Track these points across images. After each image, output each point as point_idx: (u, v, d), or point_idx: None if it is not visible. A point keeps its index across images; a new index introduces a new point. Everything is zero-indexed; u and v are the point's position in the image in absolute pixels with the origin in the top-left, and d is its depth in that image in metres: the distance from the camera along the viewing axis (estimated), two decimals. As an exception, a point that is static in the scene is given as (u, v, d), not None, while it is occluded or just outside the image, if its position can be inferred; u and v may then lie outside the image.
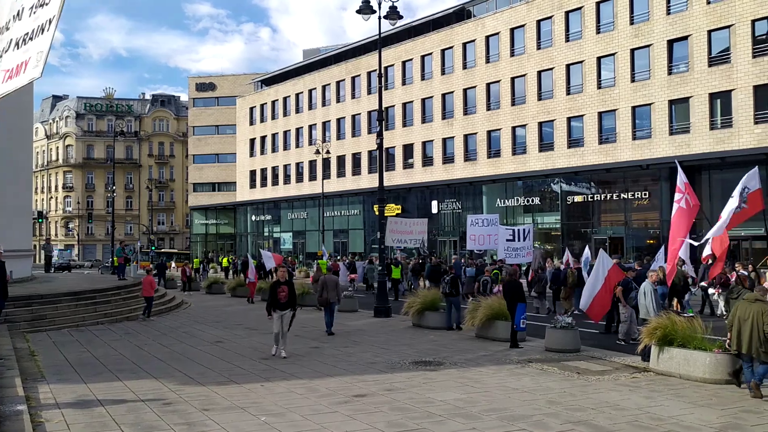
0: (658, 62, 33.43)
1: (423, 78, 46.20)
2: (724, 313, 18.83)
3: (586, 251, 22.48)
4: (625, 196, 34.82)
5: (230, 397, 9.50)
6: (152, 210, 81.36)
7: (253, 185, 62.80)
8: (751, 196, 13.37)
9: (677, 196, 13.28)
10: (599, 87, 35.98)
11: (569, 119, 37.42)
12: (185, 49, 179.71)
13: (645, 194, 34.18)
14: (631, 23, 34.56)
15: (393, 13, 20.87)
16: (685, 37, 32.45)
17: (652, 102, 33.67)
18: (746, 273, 18.03)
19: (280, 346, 12.90)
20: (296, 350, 13.70)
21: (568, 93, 37.39)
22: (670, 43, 33.10)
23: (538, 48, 38.94)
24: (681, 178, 13.47)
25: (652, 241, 33.67)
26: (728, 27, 30.91)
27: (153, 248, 69.46)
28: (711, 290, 19.71)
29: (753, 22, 30.11)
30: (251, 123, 63.24)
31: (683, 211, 13.13)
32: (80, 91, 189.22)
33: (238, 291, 28.86)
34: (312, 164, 54.54)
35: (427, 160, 45.88)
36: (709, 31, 31.59)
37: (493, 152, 41.49)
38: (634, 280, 14.72)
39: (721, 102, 31.41)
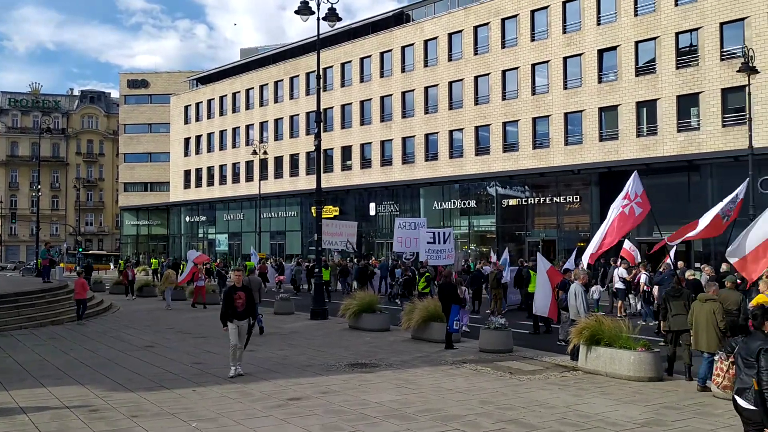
0: (588, 71, 34.56)
1: (362, 80, 46.29)
2: (638, 309, 19.96)
3: (505, 253, 23.15)
4: (558, 200, 35.83)
5: (160, 403, 9.26)
6: (80, 210, 78.59)
7: (187, 185, 61.45)
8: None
9: (623, 201, 13.51)
10: (533, 93, 36.90)
11: (505, 124, 38.23)
12: (117, 45, 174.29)
13: (576, 198, 35.25)
14: (564, 32, 35.61)
15: (332, 15, 20.80)
16: (614, 47, 33.68)
17: (583, 109, 34.78)
18: (648, 274, 19.11)
19: (236, 363, 11.14)
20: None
21: (504, 98, 38.21)
22: (600, 52, 34.28)
23: (476, 54, 39.63)
24: (635, 186, 13.79)
25: (582, 244, 34.64)
26: (654, 39, 32.26)
27: (80, 250, 66.93)
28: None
29: (677, 34, 31.51)
30: (186, 122, 61.90)
31: (624, 216, 13.46)
32: (5, 85, 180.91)
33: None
34: (249, 165, 53.80)
35: (366, 162, 45.99)
36: (637, 42, 32.89)
37: (431, 155, 41.95)
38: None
39: (647, 110, 32.73)
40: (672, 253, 18.38)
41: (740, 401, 5.44)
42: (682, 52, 31.57)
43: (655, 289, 17.32)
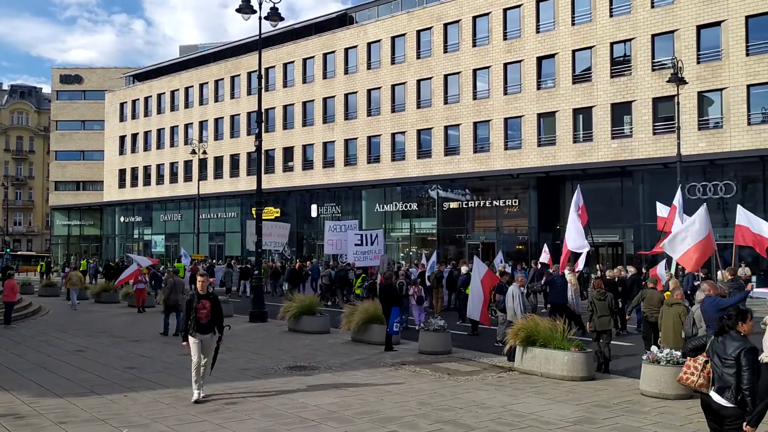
0: (528, 77, 35.33)
1: (305, 81, 46.03)
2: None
3: (433, 256, 23.47)
4: (497, 203, 36.51)
5: (90, 409, 8.95)
6: (8, 209, 75.22)
7: (122, 185, 59.73)
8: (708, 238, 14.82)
9: (579, 211, 14.85)
10: (474, 98, 37.48)
11: (446, 128, 38.67)
12: (50, 38, 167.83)
13: (515, 202, 35.98)
14: (505, 39, 36.31)
15: (274, 15, 20.61)
16: (552, 55, 34.56)
17: (522, 114, 35.51)
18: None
19: (200, 383, 9.51)
20: (165, 357, 13.16)
21: (446, 102, 38.65)
22: (539, 59, 35.10)
23: (418, 57, 39.97)
24: (580, 198, 15.41)
25: (521, 246, 35.52)
26: (590, 48, 33.25)
27: (8, 250, 64.10)
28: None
29: (611, 44, 32.59)
30: (122, 119, 60.18)
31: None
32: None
33: (103, 296, 27.33)
34: (187, 164, 52.71)
35: (308, 164, 45.72)
36: (574, 51, 33.83)
37: (373, 158, 42.05)
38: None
39: (583, 117, 33.71)
40: (583, 257, 19.45)
41: (720, 400, 5.63)
42: (616, 61, 32.66)
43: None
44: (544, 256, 23.79)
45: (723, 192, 29.07)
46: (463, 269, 20.16)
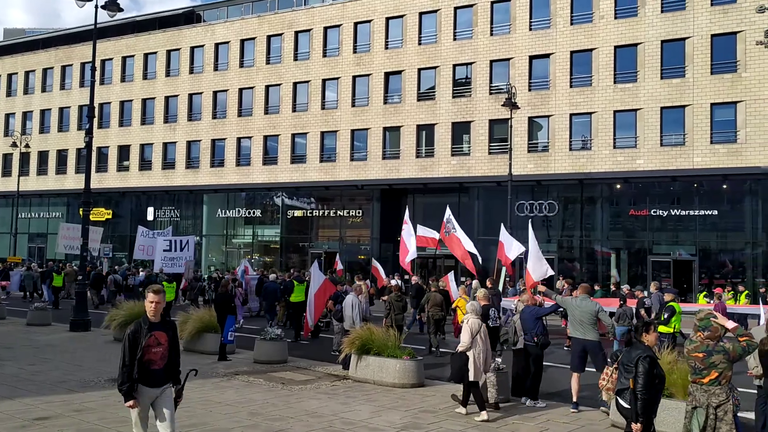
0: (376, 91, 36.16)
1: (145, 77, 43.72)
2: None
3: (245, 262, 23.56)
4: (341, 213, 36.90)
5: None
6: None
7: (-74, 177, 53.03)
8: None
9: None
10: (323, 108, 37.67)
11: (294, 135, 38.47)
12: None
13: (359, 212, 36.57)
14: (354, 52, 36.91)
15: (112, 5, 19.37)
16: (400, 72, 35.66)
17: (369, 127, 36.24)
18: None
19: None
20: (-35, 371, 11.79)
21: (294, 110, 38.48)
22: (387, 75, 36.07)
23: (268, 63, 39.47)
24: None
25: (363, 257, 36.09)
26: (434, 68, 34.73)
27: None
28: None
29: (454, 66, 34.27)
30: (-71, 103, 53.49)
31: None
32: None
33: None
34: (6, 158, 47.99)
35: (145, 164, 43.37)
36: (419, 69, 35.15)
37: (217, 162, 40.82)
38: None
39: (426, 134, 35.07)
40: (377, 265, 23.20)
41: (620, 401, 6.22)
42: (458, 82, 34.37)
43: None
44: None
45: (547, 210, 31.56)
46: (271, 276, 21.65)
